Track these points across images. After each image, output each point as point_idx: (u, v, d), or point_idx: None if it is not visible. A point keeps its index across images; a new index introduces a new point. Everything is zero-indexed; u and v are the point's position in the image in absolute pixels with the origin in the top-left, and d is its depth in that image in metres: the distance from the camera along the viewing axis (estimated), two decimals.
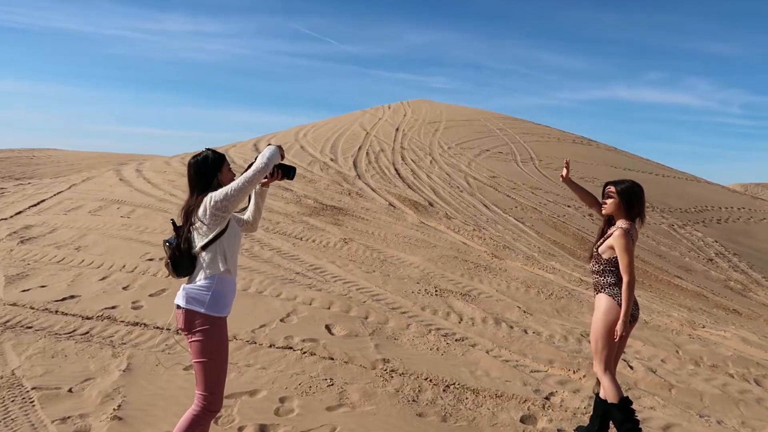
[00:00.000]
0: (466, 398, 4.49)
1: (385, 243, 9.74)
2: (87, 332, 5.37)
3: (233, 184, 3.08)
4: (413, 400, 4.38)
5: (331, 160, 18.77)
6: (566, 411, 4.43)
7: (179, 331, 3.18)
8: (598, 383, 4.88)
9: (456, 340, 5.74)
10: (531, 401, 4.52)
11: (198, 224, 3.11)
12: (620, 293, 3.76)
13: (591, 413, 4.04)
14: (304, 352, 5.10)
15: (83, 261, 7.55)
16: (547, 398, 4.64)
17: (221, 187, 3.14)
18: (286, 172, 3.35)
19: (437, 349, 5.48)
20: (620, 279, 3.80)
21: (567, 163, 4.31)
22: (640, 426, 3.73)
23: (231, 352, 5.03)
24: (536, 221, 14.61)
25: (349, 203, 13.08)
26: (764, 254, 17.04)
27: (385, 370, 4.87)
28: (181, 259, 3.13)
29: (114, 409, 4.00)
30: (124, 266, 7.31)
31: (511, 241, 12.20)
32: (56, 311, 5.83)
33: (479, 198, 15.92)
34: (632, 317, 3.81)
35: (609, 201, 3.92)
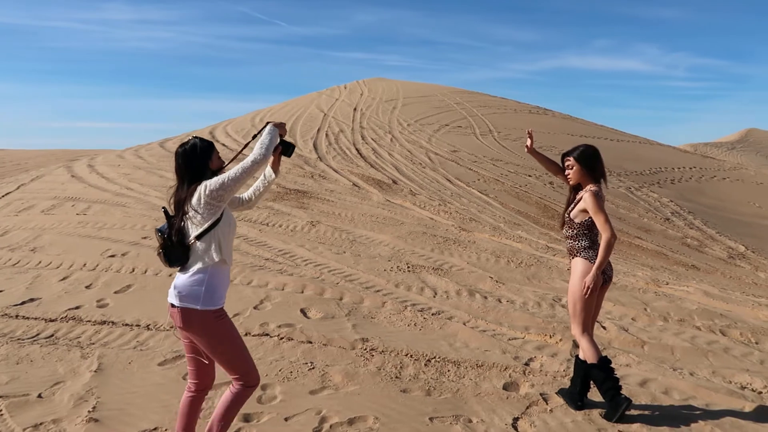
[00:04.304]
0: (448, 371, 4.51)
1: (352, 223, 9.67)
2: (52, 335, 5.16)
3: (230, 173, 2.95)
4: (396, 377, 4.36)
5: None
6: (546, 375, 4.49)
7: (177, 329, 3.06)
8: (576, 346, 4.98)
9: (432, 314, 5.75)
10: (512, 368, 4.56)
11: (191, 213, 2.97)
12: (595, 256, 3.80)
13: (572, 375, 4.11)
14: (282, 338, 5.02)
15: (40, 262, 7.24)
16: (526, 364, 4.69)
17: (213, 175, 3.03)
18: (284, 149, 3.23)
19: (415, 324, 5.48)
20: (594, 242, 3.85)
21: (530, 133, 4.31)
22: (620, 383, 3.80)
23: None
24: (499, 192, 14.76)
25: (313, 186, 12.93)
26: (717, 210, 17.70)
27: (365, 349, 4.84)
28: (174, 249, 3.00)
29: (89, 411, 3.85)
30: (84, 265, 7.04)
31: (477, 213, 12.29)
32: (16, 316, 5.58)
33: (442, 173, 15.96)
34: (607, 278, 3.87)
35: (571, 171, 3.95)
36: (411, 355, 4.75)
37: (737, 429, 3.75)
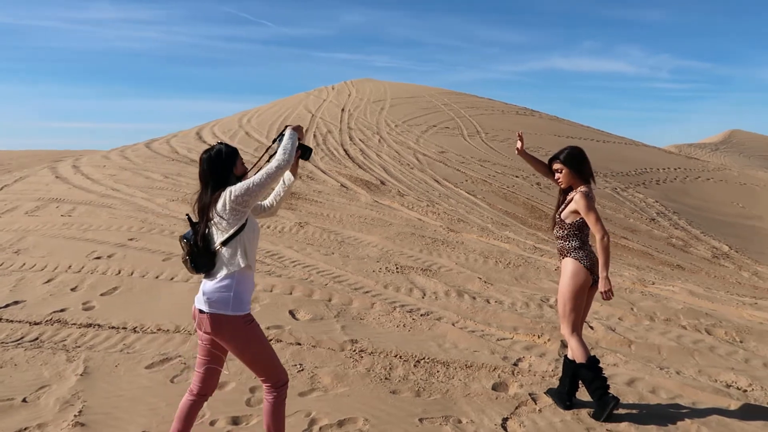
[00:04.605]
0: (438, 371, 4.51)
1: (341, 224, 9.66)
2: (36, 338, 5.09)
3: (255, 179, 2.98)
4: (385, 378, 4.36)
5: None
6: (535, 375, 4.51)
7: (203, 334, 3.09)
8: (564, 345, 5.01)
9: (421, 315, 5.75)
10: (500, 369, 4.58)
11: (217, 219, 2.99)
12: (585, 256, 3.83)
13: (560, 375, 4.13)
14: (270, 340, 4.99)
15: (24, 264, 7.15)
16: (515, 364, 4.71)
17: (237, 180, 3.06)
18: (302, 153, 3.26)
19: (404, 325, 5.48)
20: (584, 243, 3.87)
21: (520, 135, 4.31)
22: (608, 383, 3.83)
23: (194, 345, 4.89)
24: (487, 193, 14.82)
25: (301, 187, 12.89)
26: (701, 211, 17.91)
27: (354, 350, 4.83)
28: (201, 255, 3.02)
29: (75, 416, 3.81)
30: (70, 267, 6.96)
31: (465, 214, 12.33)
32: (0, 319, 5.50)
33: (430, 174, 15.99)
34: (596, 278, 3.89)
35: (561, 175, 3.98)
36: (400, 356, 4.74)
37: (723, 427, 3.79)
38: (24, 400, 4.03)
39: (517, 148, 4.29)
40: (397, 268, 7.31)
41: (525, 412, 3.92)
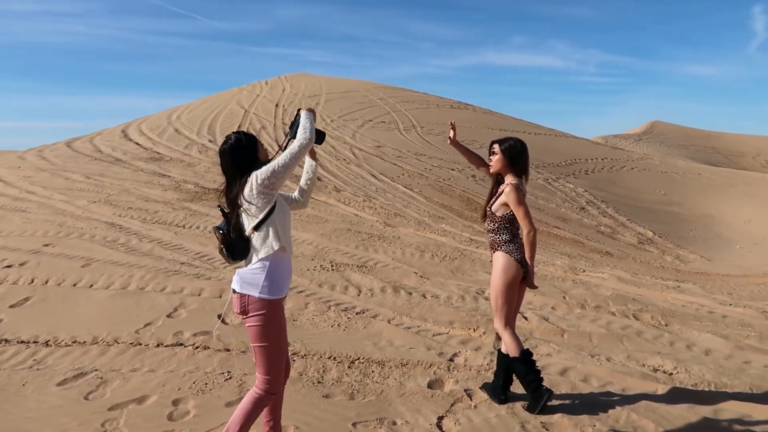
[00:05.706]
0: (372, 372, 4.40)
1: None
2: None
3: (280, 160, 2.99)
4: (318, 382, 4.21)
5: (210, 141, 17.83)
6: (470, 370, 4.48)
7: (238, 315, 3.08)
8: (498, 339, 5.00)
9: (357, 314, 5.63)
10: (436, 365, 4.52)
11: (246, 205, 3.00)
12: (516, 250, 3.80)
13: (495, 369, 4.11)
14: (197, 347, 4.74)
15: None
16: (451, 360, 4.66)
17: (262, 165, 3.04)
18: (316, 137, 3.22)
19: (338, 325, 5.34)
20: (515, 236, 3.85)
21: (453, 125, 4.25)
22: (541, 375, 3.83)
23: (113, 357, 4.58)
24: (423, 187, 14.86)
25: None
26: (627, 199, 18.66)
27: None
28: (236, 243, 3.05)
29: None
30: None
31: (402, 208, 12.30)
32: None
33: (366, 168, 15.88)
34: (525, 273, 3.86)
35: (494, 158, 3.94)
36: (334, 358, 4.60)
37: (651, 412, 3.86)
38: None
39: (450, 138, 4.23)
40: (332, 266, 7.15)
41: (460, 409, 3.86)
